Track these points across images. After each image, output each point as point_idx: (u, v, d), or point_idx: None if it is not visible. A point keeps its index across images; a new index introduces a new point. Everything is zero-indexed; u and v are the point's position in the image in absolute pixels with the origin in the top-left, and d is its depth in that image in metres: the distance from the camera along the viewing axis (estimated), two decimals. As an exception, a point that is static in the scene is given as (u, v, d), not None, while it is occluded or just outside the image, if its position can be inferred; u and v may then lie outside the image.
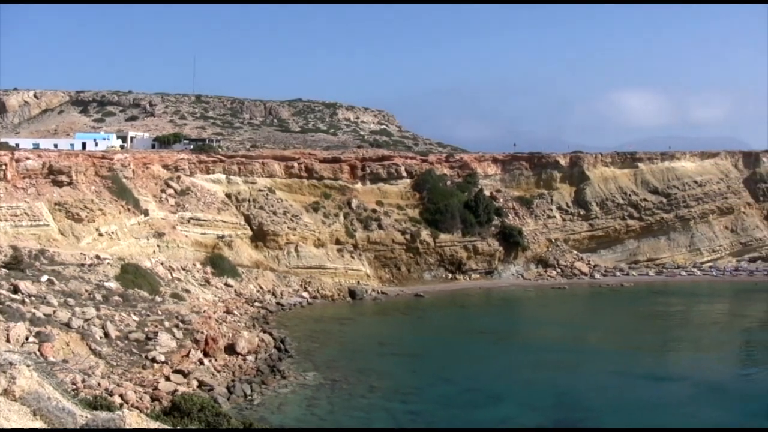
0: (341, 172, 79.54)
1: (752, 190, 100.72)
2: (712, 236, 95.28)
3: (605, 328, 64.40)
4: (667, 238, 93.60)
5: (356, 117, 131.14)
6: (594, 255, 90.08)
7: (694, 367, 50.70)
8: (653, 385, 44.45)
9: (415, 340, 57.60)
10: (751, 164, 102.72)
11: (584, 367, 48.99)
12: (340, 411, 38.43)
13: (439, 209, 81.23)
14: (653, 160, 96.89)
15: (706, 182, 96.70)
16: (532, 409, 39.48)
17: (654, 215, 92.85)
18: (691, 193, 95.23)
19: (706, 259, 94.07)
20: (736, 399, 42.25)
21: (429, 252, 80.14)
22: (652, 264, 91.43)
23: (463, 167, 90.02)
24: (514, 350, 54.74)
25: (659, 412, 38.80)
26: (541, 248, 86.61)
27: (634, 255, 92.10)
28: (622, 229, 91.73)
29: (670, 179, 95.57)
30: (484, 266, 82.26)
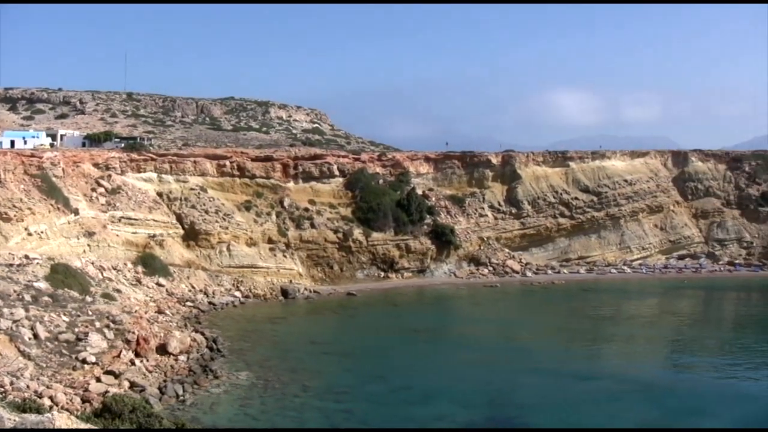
0: (273, 171, 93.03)
1: (681, 188, 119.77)
2: (642, 234, 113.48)
3: (537, 325, 75.40)
4: (597, 237, 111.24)
5: (289, 116, 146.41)
6: (526, 253, 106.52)
7: (625, 363, 59.22)
8: (584, 381, 51.74)
9: (347, 339, 65.98)
10: (680, 163, 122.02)
11: (517, 365, 56.90)
12: (272, 411, 43.48)
13: (371, 208, 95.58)
14: (584, 159, 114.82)
15: (636, 181, 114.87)
16: (465, 406, 45.54)
17: (585, 214, 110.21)
18: (621, 191, 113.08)
19: (636, 256, 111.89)
20: (664, 395, 48.87)
21: (361, 251, 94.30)
22: (583, 262, 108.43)
23: (396, 166, 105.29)
24: (447, 348, 63.22)
25: (590, 408, 45.39)
26: (473, 247, 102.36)
27: (565, 253, 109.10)
28: (553, 227, 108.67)
29: (601, 178, 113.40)
30: (416, 265, 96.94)
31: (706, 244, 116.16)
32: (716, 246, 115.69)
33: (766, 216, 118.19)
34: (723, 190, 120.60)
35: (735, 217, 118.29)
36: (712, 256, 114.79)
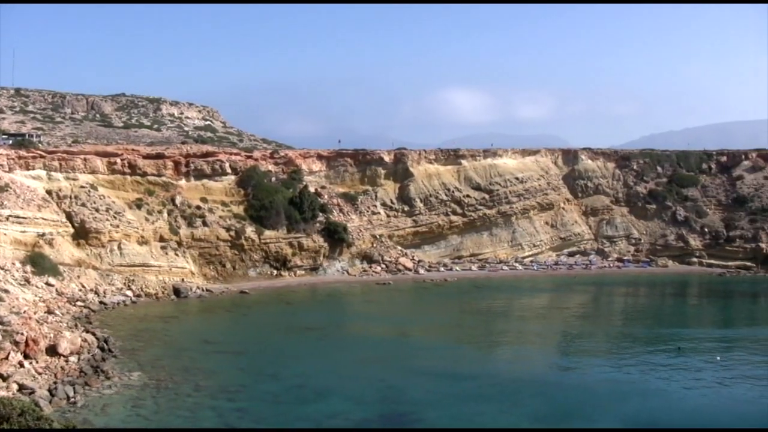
0: (165, 169, 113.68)
1: (571, 186, 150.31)
2: (533, 231, 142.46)
3: (429, 322, 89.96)
4: (489, 234, 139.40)
5: (180, 113, 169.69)
6: (418, 251, 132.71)
7: (516, 359, 71.51)
8: (477, 377, 61.62)
9: (241, 337, 77.53)
10: (571, 162, 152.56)
11: (409, 362, 68.02)
12: (165, 411, 50.17)
13: (263, 206, 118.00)
14: (476, 157, 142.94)
15: (527, 179, 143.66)
16: (358, 403, 53.77)
17: (477, 211, 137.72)
18: (512, 189, 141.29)
19: (527, 253, 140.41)
20: (555, 390, 58.99)
21: (254, 249, 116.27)
22: (475, 259, 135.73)
23: (288, 164, 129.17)
24: (340, 346, 74.57)
25: (482, 404, 54.15)
26: (365, 244, 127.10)
27: (457, 250, 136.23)
28: (445, 224, 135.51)
29: (493, 176, 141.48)
30: (309, 262, 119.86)
31: (596, 241, 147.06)
32: (605, 243, 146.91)
33: (653, 213, 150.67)
34: (612, 188, 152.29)
35: (624, 214, 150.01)
36: (601, 252, 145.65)
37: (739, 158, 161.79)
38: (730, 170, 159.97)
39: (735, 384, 62.31)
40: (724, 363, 69.66)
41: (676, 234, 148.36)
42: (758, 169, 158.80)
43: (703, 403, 57.03)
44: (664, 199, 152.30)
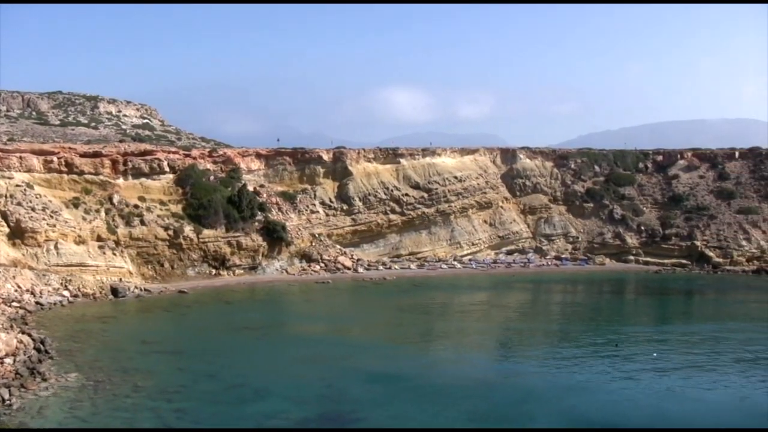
0: (102, 167, 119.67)
1: (509, 185, 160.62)
2: (472, 230, 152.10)
3: (369, 321, 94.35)
4: (428, 232, 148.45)
5: (118, 111, 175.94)
6: (357, 249, 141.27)
7: (455, 357, 74.68)
8: (416, 376, 64.41)
9: (179, 337, 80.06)
10: (509, 160, 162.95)
11: (349, 361, 69.96)
12: (103, 412, 51.56)
13: (202, 204, 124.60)
14: (415, 156, 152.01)
15: (465, 178, 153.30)
16: (298, 403, 55.68)
17: (415, 210, 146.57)
18: (451, 188, 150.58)
19: (466, 252, 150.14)
20: (493, 387, 62.20)
21: (192, 248, 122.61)
22: (414, 257, 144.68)
23: (227, 162, 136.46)
24: (280, 345, 77.93)
25: (421, 402, 56.45)
26: (304, 243, 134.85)
27: (396, 249, 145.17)
28: (384, 223, 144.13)
29: (432, 175, 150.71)
30: (248, 262, 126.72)
31: (534, 240, 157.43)
32: (544, 241, 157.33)
33: (591, 212, 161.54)
34: (550, 186, 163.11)
35: (562, 213, 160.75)
36: (539, 250, 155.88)
37: (675, 158, 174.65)
38: (665, 169, 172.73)
39: (669, 379, 66.32)
40: (660, 359, 74.31)
41: (613, 232, 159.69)
42: (693, 169, 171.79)
43: (640, 399, 60.30)
44: (602, 198, 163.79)
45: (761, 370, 70.55)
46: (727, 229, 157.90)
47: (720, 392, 62.92)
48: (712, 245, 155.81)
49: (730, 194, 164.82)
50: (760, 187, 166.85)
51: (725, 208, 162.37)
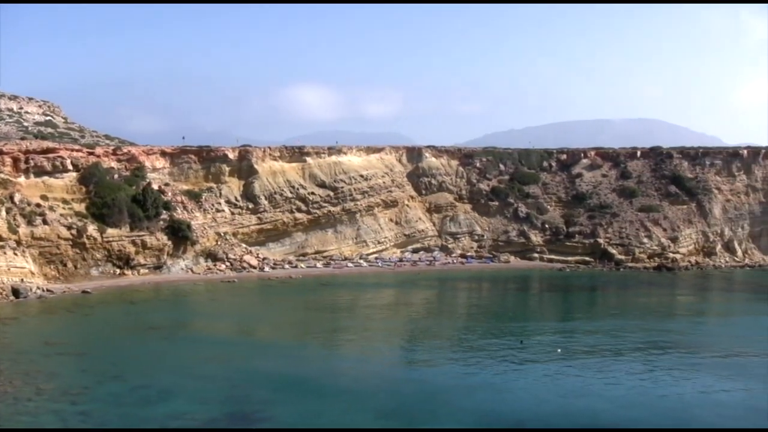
0: (3, 165, 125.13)
1: (415, 183, 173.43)
2: (378, 228, 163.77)
3: (275, 320, 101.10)
4: (334, 231, 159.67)
5: (20, 107, 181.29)
6: (263, 248, 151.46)
7: (362, 356, 79.48)
8: (324, 374, 68.87)
9: (83, 338, 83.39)
10: (415, 159, 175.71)
11: (255, 360, 74.56)
12: (4, 416, 52.97)
13: (106, 203, 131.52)
14: (321, 155, 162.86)
15: (371, 176, 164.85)
16: (203, 403, 58.77)
17: (322, 208, 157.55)
18: (357, 186, 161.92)
19: (372, 250, 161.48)
20: (400, 384, 66.99)
21: (96, 247, 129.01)
22: (320, 256, 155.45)
23: (131, 160, 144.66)
24: (186, 345, 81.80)
25: (328, 400, 60.54)
26: (210, 242, 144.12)
27: (302, 247, 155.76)
28: (290, 222, 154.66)
29: (338, 173, 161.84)
30: (153, 261, 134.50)
31: (440, 238, 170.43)
32: (449, 239, 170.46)
33: (496, 210, 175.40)
34: (456, 185, 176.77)
35: (467, 211, 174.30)
36: (445, 249, 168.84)
37: (579, 156, 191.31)
38: (569, 168, 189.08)
39: (574, 374, 72.28)
40: (564, 355, 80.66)
41: (518, 230, 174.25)
42: (596, 167, 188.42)
43: (545, 394, 65.30)
44: (507, 196, 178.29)
45: (662, 364, 77.77)
46: (629, 227, 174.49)
47: (623, 386, 68.56)
48: (615, 243, 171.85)
49: (632, 193, 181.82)
50: (661, 185, 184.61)
51: (627, 206, 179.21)
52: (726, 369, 76.24)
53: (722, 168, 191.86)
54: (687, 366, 77.31)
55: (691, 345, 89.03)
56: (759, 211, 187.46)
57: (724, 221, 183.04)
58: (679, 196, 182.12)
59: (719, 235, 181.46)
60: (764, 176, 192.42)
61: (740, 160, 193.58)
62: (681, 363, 78.46)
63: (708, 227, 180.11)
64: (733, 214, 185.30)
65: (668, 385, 69.40)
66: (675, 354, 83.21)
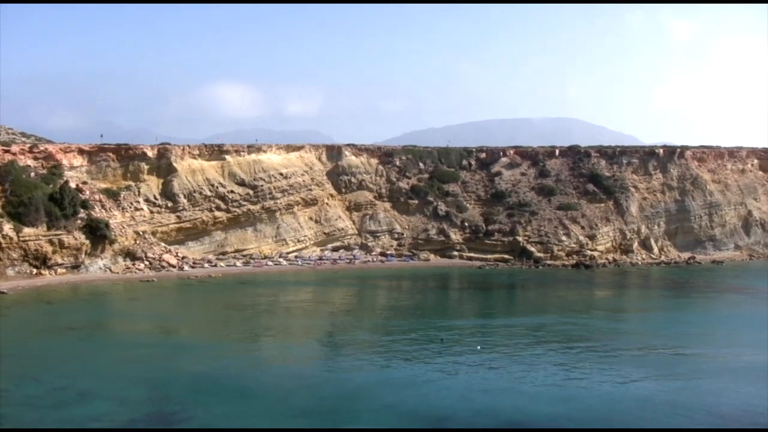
0: None
1: (335, 182, 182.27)
2: (298, 227, 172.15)
3: (195, 320, 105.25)
4: (254, 229, 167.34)
5: None
6: (182, 247, 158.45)
7: (282, 355, 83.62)
8: (243, 374, 71.91)
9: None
10: (334, 157, 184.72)
11: (175, 360, 77.00)
12: None
13: (22, 202, 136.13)
14: (240, 153, 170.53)
15: (291, 174, 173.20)
16: (123, 404, 61.33)
17: (241, 207, 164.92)
18: (277, 185, 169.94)
19: (291, 249, 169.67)
20: (320, 383, 70.27)
21: (12, 247, 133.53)
22: (239, 255, 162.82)
23: (48, 158, 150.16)
24: (104, 346, 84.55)
25: (251, 400, 63.64)
26: (129, 241, 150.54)
27: (222, 246, 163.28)
28: (210, 220, 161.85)
29: (257, 171, 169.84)
30: (70, 260, 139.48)
31: (360, 236, 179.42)
32: (369, 237, 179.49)
33: (415, 208, 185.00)
34: (375, 183, 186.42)
35: (387, 209, 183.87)
36: (365, 247, 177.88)
37: (498, 155, 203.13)
38: (488, 167, 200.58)
39: (494, 371, 77.11)
40: (484, 351, 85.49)
41: (438, 228, 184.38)
42: (515, 166, 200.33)
43: (467, 392, 69.19)
44: (426, 195, 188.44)
45: (581, 360, 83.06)
46: (548, 225, 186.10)
47: (544, 382, 73.14)
48: (534, 240, 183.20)
49: (551, 191, 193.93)
50: (579, 184, 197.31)
51: (546, 204, 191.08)
52: (644, 364, 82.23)
53: (639, 167, 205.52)
54: (606, 361, 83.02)
55: (610, 341, 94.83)
56: (674, 209, 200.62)
57: (641, 219, 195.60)
58: (596, 195, 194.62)
59: (636, 232, 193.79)
60: (680, 175, 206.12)
61: (656, 159, 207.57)
62: (600, 359, 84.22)
63: (625, 225, 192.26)
64: (649, 212, 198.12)
65: (588, 381, 74.39)
66: (594, 350, 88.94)
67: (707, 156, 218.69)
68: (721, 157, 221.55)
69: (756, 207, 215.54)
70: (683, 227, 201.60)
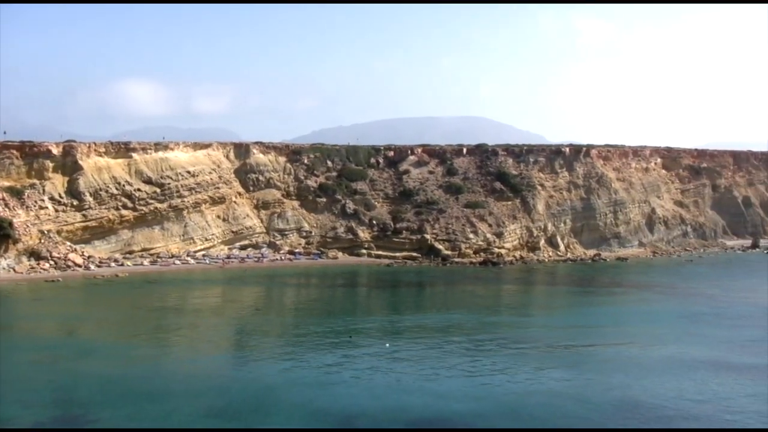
0: None
1: (243, 180, 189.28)
2: (205, 225, 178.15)
3: (101, 320, 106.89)
4: (161, 228, 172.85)
5: None
6: (89, 246, 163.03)
7: (190, 355, 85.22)
8: (150, 375, 74.05)
9: None
10: (242, 155, 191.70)
11: (80, 362, 78.73)
12: None
13: None
14: (148, 151, 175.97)
15: (198, 173, 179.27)
16: (28, 407, 62.40)
17: (148, 205, 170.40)
18: (184, 183, 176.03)
19: (199, 247, 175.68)
20: (229, 384, 72.07)
21: None
22: (147, 254, 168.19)
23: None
24: (7, 348, 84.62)
25: (156, 402, 64.87)
26: (33, 240, 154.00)
27: (129, 245, 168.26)
28: (116, 219, 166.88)
29: (164, 169, 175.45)
30: None
31: (268, 234, 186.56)
32: (277, 236, 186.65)
33: (324, 206, 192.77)
34: (283, 181, 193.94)
35: (295, 207, 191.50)
36: (273, 245, 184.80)
37: (406, 153, 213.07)
38: (397, 165, 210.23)
39: (403, 369, 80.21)
40: (393, 349, 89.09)
41: (346, 226, 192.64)
42: (423, 164, 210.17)
43: (377, 389, 71.99)
44: (334, 193, 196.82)
45: (489, 356, 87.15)
46: (456, 222, 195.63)
47: (452, 379, 76.84)
48: (442, 238, 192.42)
49: (458, 189, 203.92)
50: (486, 182, 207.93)
51: (454, 202, 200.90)
52: (552, 359, 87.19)
53: (545, 165, 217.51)
54: (515, 357, 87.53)
55: (518, 337, 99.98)
56: (580, 206, 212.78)
57: (547, 217, 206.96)
58: (504, 193, 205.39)
59: (542, 230, 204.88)
60: (585, 173, 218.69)
61: (563, 158, 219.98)
62: (509, 355, 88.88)
63: (532, 223, 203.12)
64: (555, 209, 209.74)
65: (497, 377, 78.36)
66: (503, 346, 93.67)
67: (612, 155, 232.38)
68: (626, 156, 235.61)
69: (659, 205, 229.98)
70: (589, 225, 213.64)
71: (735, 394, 74.12)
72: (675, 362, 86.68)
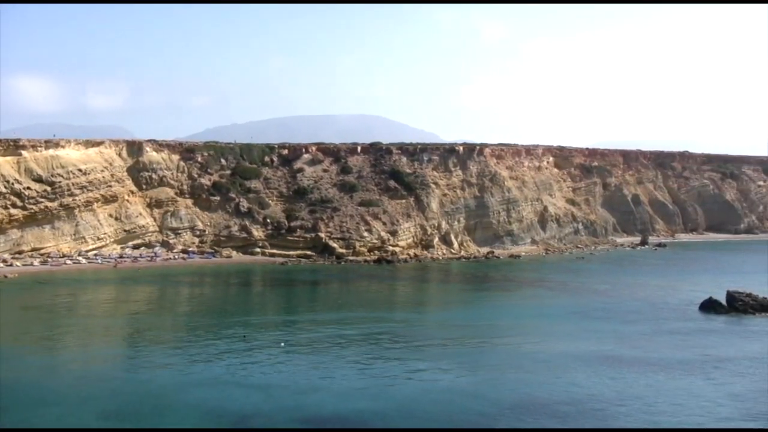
0: None
1: (136, 178, 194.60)
2: (97, 224, 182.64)
3: None
4: (51, 227, 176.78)
5: None
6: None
7: (82, 357, 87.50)
8: (40, 378, 75.37)
9: None
10: (135, 153, 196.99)
11: None
12: None
13: None
14: (38, 148, 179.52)
15: (90, 171, 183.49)
16: None
17: (38, 204, 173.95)
18: (75, 181, 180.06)
19: (91, 247, 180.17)
20: (123, 386, 74.19)
21: None
22: (37, 254, 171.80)
23: None
24: None
25: (49, 407, 66.40)
26: None
27: (18, 245, 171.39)
28: (4, 218, 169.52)
29: (55, 167, 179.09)
30: None
31: (161, 233, 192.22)
32: (171, 235, 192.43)
33: (217, 205, 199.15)
34: (177, 180, 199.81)
35: (188, 206, 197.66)
36: (166, 244, 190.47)
37: (300, 152, 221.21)
38: (291, 163, 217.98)
39: (299, 367, 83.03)
40: (288, 348, 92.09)
41: (240, 225, 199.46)
42: (317, 162, 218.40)
43: (274, 389, 74.24)
44: (228, 191, 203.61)
45: (385, 354, 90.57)
46: (350, 221, 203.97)
47: (347, 378, 79.14)
48: (336, 237, 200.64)
49: (353, 187, 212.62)
50: (380, 180, 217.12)
51: (348, 200, 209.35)
52: (447, 357, 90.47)
53: (439, 164, 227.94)
54: (409, 355, 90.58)
55: (413, 335, 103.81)
56: (474, 204, 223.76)
57: (441, 215, 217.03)
58: (398, 191, 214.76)
59: (437, 228, 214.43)
60: (479, 171, 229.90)
61: (456, 156, 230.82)
62: (403, 353, 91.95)
63: (426, 221, 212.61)
64: (449, 207, 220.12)
65: (392, 375, 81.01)
66: (398, 343, 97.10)
67: (505, 153, 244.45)
68: (519, 155, 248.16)
69: (551, 203, 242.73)
70: (482, 223, 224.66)
71: (627, 386, 78.25)
72: (568, 357, 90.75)
